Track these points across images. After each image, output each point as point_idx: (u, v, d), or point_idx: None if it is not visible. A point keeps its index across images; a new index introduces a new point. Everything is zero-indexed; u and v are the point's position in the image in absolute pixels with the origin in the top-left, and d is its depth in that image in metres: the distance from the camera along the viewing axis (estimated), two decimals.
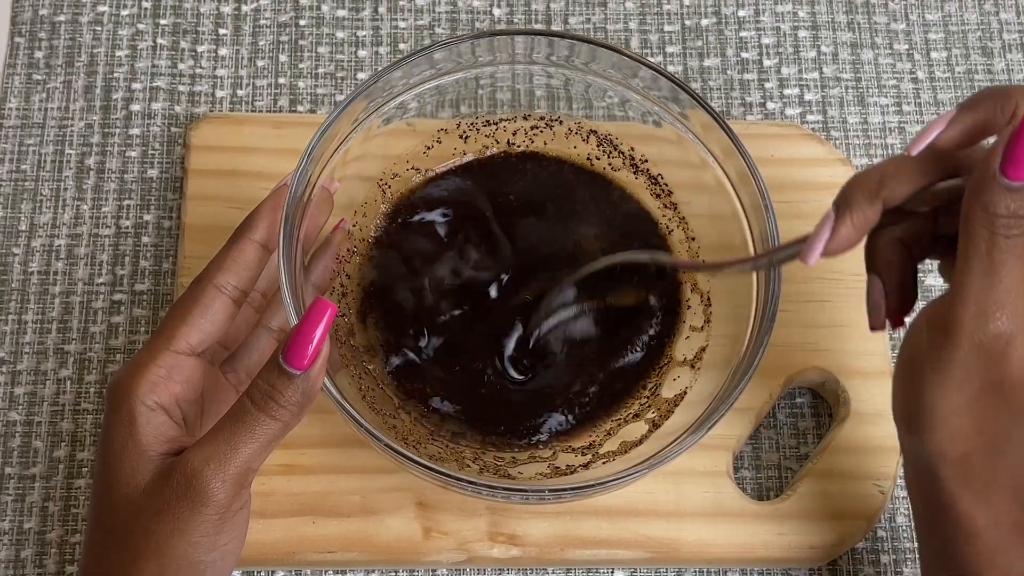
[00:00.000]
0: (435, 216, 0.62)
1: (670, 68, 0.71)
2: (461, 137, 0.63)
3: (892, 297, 0.50)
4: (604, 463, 0.57)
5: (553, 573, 0.61)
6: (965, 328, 0.44)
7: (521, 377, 0.59)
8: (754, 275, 0.56)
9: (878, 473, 0.60)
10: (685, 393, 0.58)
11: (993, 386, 0.45)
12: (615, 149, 0.62)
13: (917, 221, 0.49)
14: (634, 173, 0.62)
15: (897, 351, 0.64)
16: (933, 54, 0.72)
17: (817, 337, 0.63)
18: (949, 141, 0.46)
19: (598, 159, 0.63)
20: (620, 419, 0.59)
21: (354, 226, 0.61)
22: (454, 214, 0.61)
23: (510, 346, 0.59)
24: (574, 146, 0.63)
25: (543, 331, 0.59)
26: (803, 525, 0.60)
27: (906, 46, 0.72)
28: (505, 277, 0.60)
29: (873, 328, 0.51)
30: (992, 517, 0.47)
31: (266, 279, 0.56)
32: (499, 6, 0.72)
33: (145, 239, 0.66)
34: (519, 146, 0.63)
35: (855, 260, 0.64)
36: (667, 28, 0.72)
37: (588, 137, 0.62)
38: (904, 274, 0.50)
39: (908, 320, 0.50)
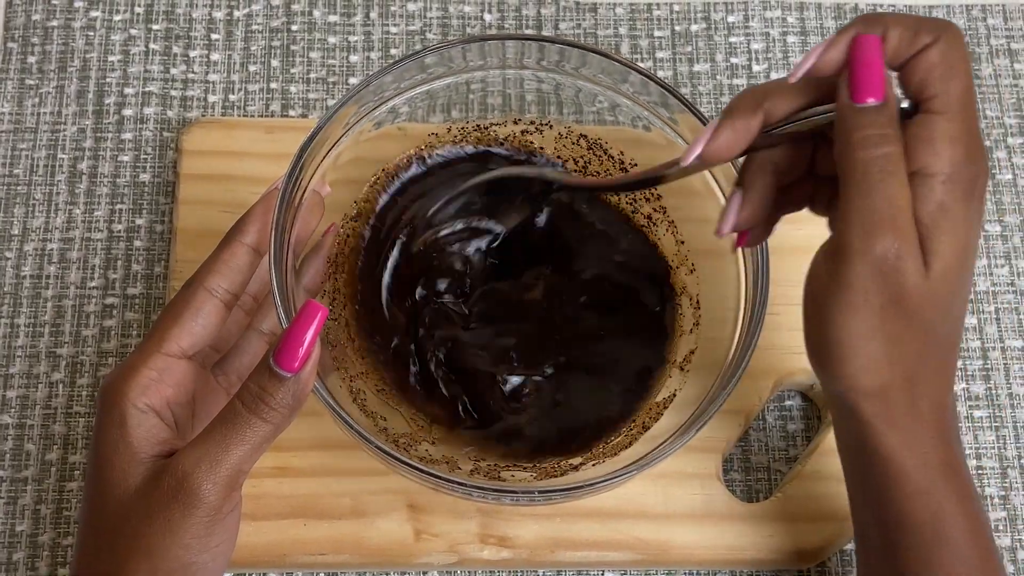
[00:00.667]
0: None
1: (660, 73, 0.71)
2: (453, 142, 0.63)
3: (746, 211, 0.51)
4: (593, 465, 0.57)
5: (544, 575, 0.61)
6: (854, 248, 0.46)
7: (517, 404, 0.59)
8: (742, 276, 0.56)
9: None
10: (674, 396, 0.58)
11: (893, 305, 0.46)
12: (605, 153, 0.62)
13: (792, 149, 0.50)
14: None
15: None
16: None
17: None
18: (826, 65, 0.47)
19: (588, 164, 0.63)
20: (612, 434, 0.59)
21: (344, 229, 0.61)
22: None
23: (511, 380, 0.60)
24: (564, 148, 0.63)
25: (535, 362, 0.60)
26: (792, 527, 0.60)
27: None
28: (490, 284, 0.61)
29: (717, 233, 0.52)
30: (920, 457, 0.48)
31: (257, 282, 0.56)
32: (490, 11, 0.73)
33: (137, 243, 0.67)
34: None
35: None
36: (657, 33, 0.73)
37: (578, 140, 0.63)
38: (764, 195, 0.51)
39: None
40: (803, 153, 0.51)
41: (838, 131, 0.47)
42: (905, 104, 0.47)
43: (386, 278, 0.61)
